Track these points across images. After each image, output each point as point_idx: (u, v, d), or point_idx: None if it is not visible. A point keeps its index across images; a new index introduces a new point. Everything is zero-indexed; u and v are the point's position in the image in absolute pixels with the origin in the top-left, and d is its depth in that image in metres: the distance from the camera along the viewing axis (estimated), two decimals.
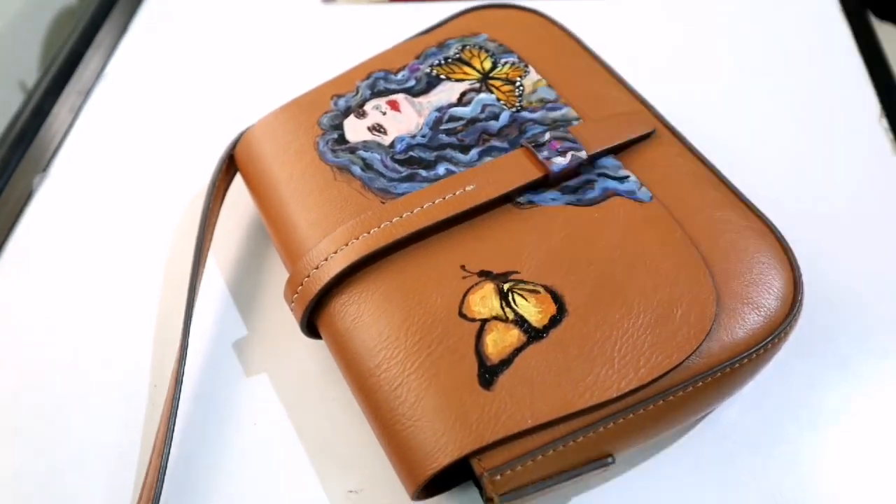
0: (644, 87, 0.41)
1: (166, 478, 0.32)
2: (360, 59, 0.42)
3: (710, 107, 0.47)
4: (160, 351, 0.38)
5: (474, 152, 0.37)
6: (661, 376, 0.29)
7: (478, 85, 0.39)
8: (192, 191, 0.45)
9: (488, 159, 0.36)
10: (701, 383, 0.30)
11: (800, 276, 0.32)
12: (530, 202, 0.34)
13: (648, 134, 0.37)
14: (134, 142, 0.49)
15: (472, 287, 0.32)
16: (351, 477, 0.33)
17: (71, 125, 0.50)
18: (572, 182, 0.35)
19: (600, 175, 0.35)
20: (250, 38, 0.56)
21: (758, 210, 0.34)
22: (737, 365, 0.30)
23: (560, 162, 0.34)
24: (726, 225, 0.33)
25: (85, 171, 0.47)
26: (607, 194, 0.34)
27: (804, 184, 0.42)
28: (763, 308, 0.31)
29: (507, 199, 0.34)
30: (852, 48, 0.50)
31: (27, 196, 0.46)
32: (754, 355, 0.30)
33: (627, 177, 0.35)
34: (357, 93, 0.40)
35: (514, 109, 0.38)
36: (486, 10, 0.44)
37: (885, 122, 0.45)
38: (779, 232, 0.33)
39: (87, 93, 0.52)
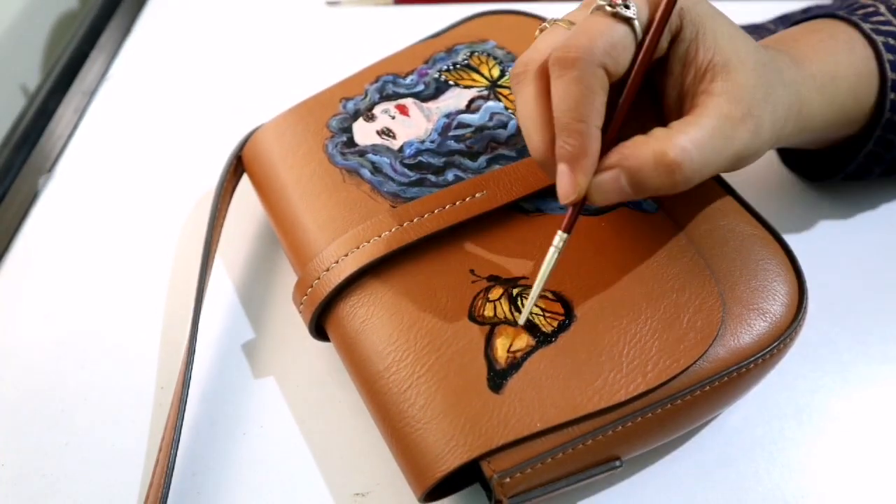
0: None
1: (173, 479, 0.32)
2: (365, 62, 0.42)
3: None
4: (167, 353, 0.38)
5: (483, 160, 0.37)
6: (668, 380, 0.29)
7: (486, 92, 0.40)
8: (197, 192, 0.45)
9: (496, 167, 0.36)
10: (708, 387, 0.30)
11: (804, 282, 0.32)
12: (538, 210, 0.35)
13: None
14: (139, 143, 0.49)
15: (481, 291, 0.32)
16: (358, 480, 0.33)
17: (76, 126, 0.50)
18: None
19: None
20: (253, 39, 0.56)
21: (763, 218, 0.34)
22: (743, 369, 0.30)
23: None
24: (731, 234, 0.33)
25: (90, 172, 0.47)
26: (614, 205, 0.35)
27: (806, 191, 0.43)
28: (769, 314, 0.31)
29: (515, 206, 0.35)
30: None
31: (33, 197, 0.46)
32: (760, 360, 0.31)
33: None
34: (365, 96, 0.40)
35: None
36: (493, 16, 0.44)
37: None
38: (783, 239, 0.34)
39: (92, 94, 0.52)
